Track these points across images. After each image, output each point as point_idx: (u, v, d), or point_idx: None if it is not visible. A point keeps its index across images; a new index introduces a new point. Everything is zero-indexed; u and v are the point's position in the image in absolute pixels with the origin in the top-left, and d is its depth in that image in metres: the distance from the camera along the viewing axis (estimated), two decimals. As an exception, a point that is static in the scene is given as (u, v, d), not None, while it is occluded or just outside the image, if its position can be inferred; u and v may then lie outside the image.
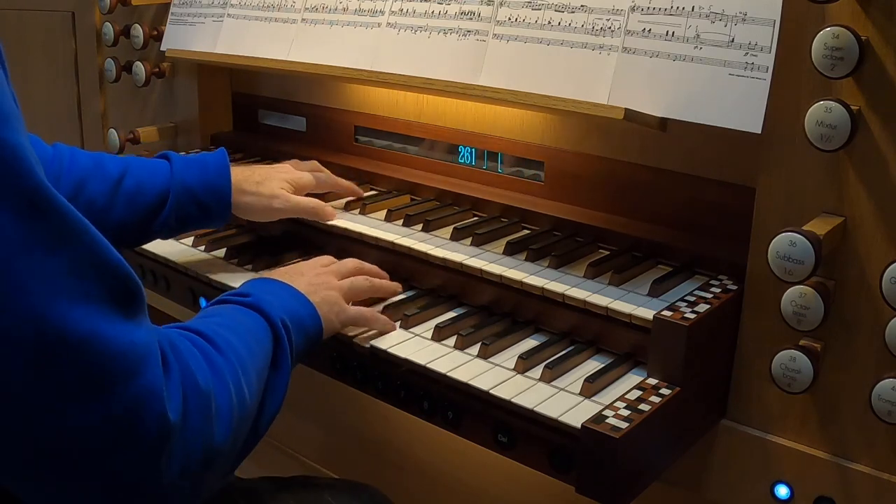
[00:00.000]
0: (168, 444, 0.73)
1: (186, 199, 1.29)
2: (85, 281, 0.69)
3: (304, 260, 1.28)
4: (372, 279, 1.22)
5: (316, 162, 1.50)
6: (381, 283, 1.23)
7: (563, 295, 1.13)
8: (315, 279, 1.14)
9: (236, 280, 1.33)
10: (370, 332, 1.15)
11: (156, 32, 1.81)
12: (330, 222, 1.38)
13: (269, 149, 1.71)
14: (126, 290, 0.72)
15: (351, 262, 1.24)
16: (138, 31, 1.80)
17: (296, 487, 1.11)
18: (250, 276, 1.35)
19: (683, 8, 1.09)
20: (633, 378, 1.07)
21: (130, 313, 0.72)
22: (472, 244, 1.28)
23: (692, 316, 1.02)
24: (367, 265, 1.26)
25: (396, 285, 1.25)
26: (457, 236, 1.30)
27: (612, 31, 1.15)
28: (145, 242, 1.36)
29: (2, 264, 0.64)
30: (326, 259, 1.24)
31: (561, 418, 0.97)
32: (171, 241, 1.45)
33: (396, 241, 1.29)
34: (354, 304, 1.17)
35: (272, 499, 1.06)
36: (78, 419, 0.69)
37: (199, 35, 1.69)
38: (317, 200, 1.40)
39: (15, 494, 0.74)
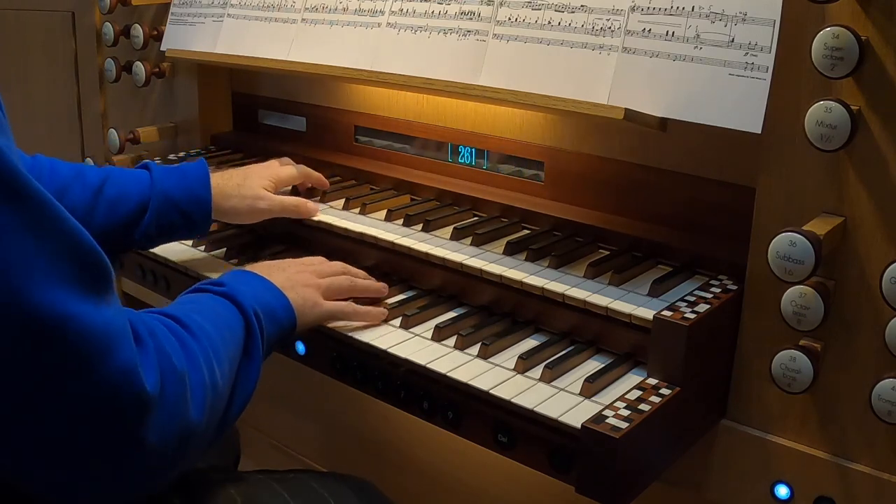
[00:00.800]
0: (147, 417, 0.77)
1: (167, 208, 1.30)
2: (61, 264, 0.71)
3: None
4: (354, 279, 1.23)
5: (286, 158, 1.51)
6: (363, 282, 1.24)
7: (563, 295, 1.13)
8: (294, 276, 1.16)
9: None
10: (360, 327, 1.16)
11: (156, 32, 1.81)
12: (330, 222, 1.38)
13: (269, 149, 1.71)
14: (98, 272, 0.75)
15: (337, 264, 1.26)
16: (138, 31, 1.80)
17: (287, 478, 1.12)
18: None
19: (683, 8, 1.09)
20: (633, 378, 1.07)
21: (102, 294, 0.75)
22: (472, 244, 1.28)
23: (692, 316, 1.02)
24: (352, 268, 1.26)
25: (382, 285, 1.25)
26: (457, 236, 1.30)
27: (612, 31, 1.15)
28: (126, 251, 1.37)
29: None
30: (314, 259, 1.25)
31: (561, 418, 0.97)
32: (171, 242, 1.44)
33: (396, 241, 1.29)
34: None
35: (262, 487, 1.07)
36: (61, 397, 0.72)
37: (199, 35, 1.69)
38: (299, 198, 1.42)
39: (14, 484, 0.77)
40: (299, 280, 1.16)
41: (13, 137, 0.73)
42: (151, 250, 1.42)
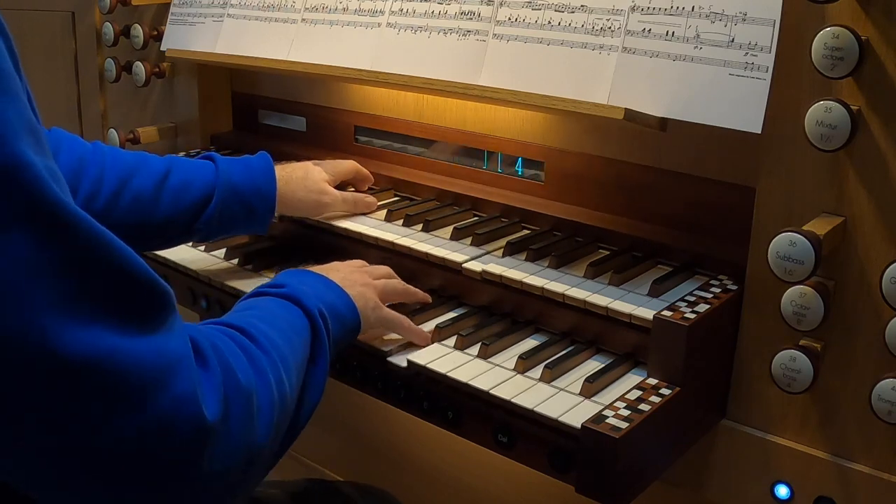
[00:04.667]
0: (208, 446, 0.72)
1: (231, 198, 1.28)
2: (101, 299, 0.67)
3: (304, 259, 1.28)
4: (406, 284, 1.21)
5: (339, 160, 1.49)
6: (414, 289, 1.21)
7: (563, 295, 1.13)
8: (350, 275, 1.13)
9: (237, 280, 1.33)
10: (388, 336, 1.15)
11: (156, 32, 1.81)
12: (331, 222, 1.37)
13: (270, 149, 1.70)
14: (150, 299, 0.71)
15: (384, 267, 1.23)
16: (138, 31, 1.80)
17: (309, 494, 1.10)
18: (251, 276, 1.35)
19: (683, 8, 1.09)
20: (633, 378, 1.07)
21: (157, 321, 0.71)
22: (472, 244, 1.27)
23: (692, 316, 1.02)
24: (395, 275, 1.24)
25: (427, 296, 1.23)
26: (457, 236, 1.30)
27: (612, 31, 1.15)
28: (187, 241, 1.34)
29: (13, 290, 0.62)
30: (359, 262, 1.23)
31: (561, 418, 0.97)
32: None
33: (396, 241, 1.29)
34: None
35: None
36: (113, 434, 0.68)
37: (199, 35, 1.69)
38: (356, 193, 1.42)
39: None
40: (356, 279, 1.12)
41: (48, 149, 0.68)
42: (152, 251, 1.42)
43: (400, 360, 1.11)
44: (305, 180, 1.35)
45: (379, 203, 1.44)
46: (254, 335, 0.85)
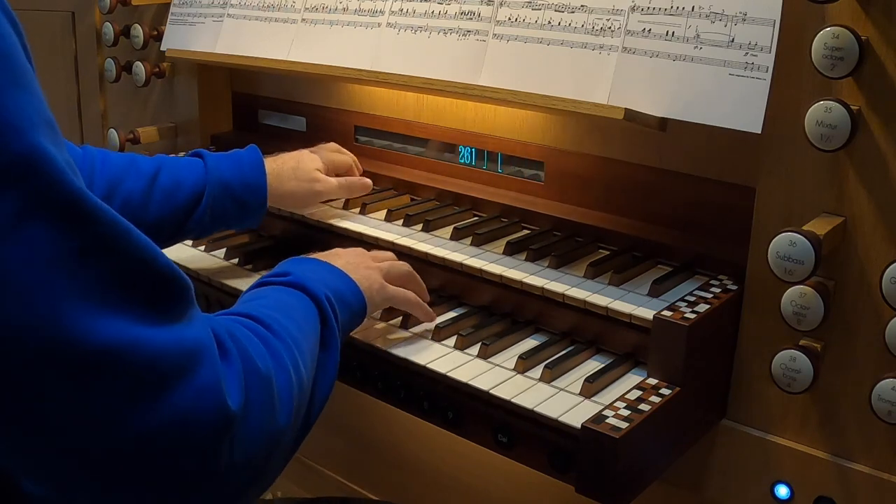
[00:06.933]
0: (230, 434, 0.72)
1: (222, 195, 1.28)
2: (122, 289, 0.67)
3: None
4: (410, 267, 1.20)
5: (333, 143, 1.49)
6: (416, 274, 1.20)
7: (563, 295, 1.13)
8: (353, 259, 1.13)
9: (237, 280, 1.33)
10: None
11: (156, 32, 1.81)
12: (330, 222, 1.37)
13: (270, 149, 1.71)
14: (170, 289, 0.71)
15: (387, 252, 1.22)
16: (138, 31, 1.80)
17: None
18: (251, 276, 1.35)
19: (683, 8, 1.09)
20: (633, 378, 1.07)
21: (178, 312, 0.71)
22: (472, 244, 1.27)
23: (692, 316, 1.02)
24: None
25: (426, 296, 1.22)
26: (457, 236, 1.30)
27: (612, 31, 1.15)
28: (179, 241, 1.33)
29: (34, 279, 0.62)
30: (360, 249, 1.22)
31: (561, 418, 0.97)
32: (171, 241, 1.44)
33: (396, 241, 1.29)
34: None
35: None
36: (136, 426, 0.67)
37: (199, 35, 1.69)
38: (349, 177, 1.41)
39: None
40: (360, 263, 1.12)
41: (63, 142, 0.68)
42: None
43: (397, 357, 1.11)
44: (297, 170, 1.34)
45: (378, 203, 1.44)
46: (267, 322, 0.85)
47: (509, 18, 1.26)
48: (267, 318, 0.86)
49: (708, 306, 1.05)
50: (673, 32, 1.09)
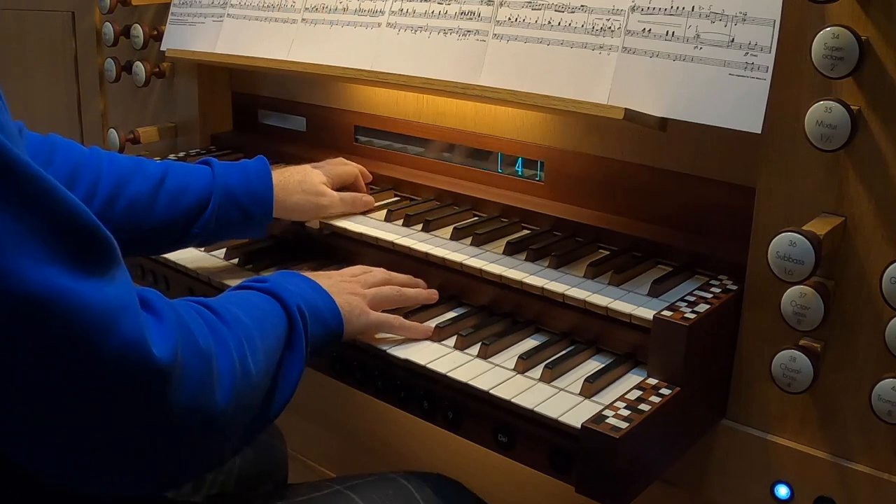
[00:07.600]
0: (167, 386, 0.75)
1: (228, 203, 1.29)
2: (51, 242, 0.69)
3: (304, 259, 1.28)
4: (401, 289, 1.21)
5: (340, 158, 1.50)
6: (410, 291, 1.21)
7: (563, 295, 1.13)
8: (339, 283, 1.14)
9: (236, 280, 1.33)
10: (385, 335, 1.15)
11: (156, 32, 1.81)
12: (330, 222, 1.37)
13: (269, 149, 1.71)
14: (97, 248, 0.73)
15: (380, 273, 1.23)
16: (138, 31, 1.80)
17: (368, 484, 1.09)
18: (251, 276, 1.35)
19: (683, 8, 1.09)
20: (633, 378, 1.07)
21: (101, 269, 0.73)
22: (472, 244, 1.27)
23: (692, 316, 1.02)
24: (397, 276, 1.24)
25: (431, 292, 1.23)
26: (457, 236, 1.30)
27: (612, 31, 1.15)
28: (183, 247, 1.35)
29: None
30: (357, 269, 1.23)
31: (561, 418, 0.97)
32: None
33: (396, 241, 1.29)
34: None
35: (352, 498, 1.05)
36: (69, 375, 0.70)
37: (199, 35, 1.69)
38: (353, 193, 1.41)
39: (28, 470, 0.75)
40: (345, 287, 1.14)
41: (10, 114, 0.71)
42: (150, 256, 1.42)
43: (397, 357, 1.11)
44: (303, 183, 1.35)
45: (378, 203, 1.44)
46: (218, 311, 0.88)
47: (509, 18, 1.26)
48: (220, 308, 0.89)
49: (708, 306, 1.05)
50: (673, 32, 1.09)
